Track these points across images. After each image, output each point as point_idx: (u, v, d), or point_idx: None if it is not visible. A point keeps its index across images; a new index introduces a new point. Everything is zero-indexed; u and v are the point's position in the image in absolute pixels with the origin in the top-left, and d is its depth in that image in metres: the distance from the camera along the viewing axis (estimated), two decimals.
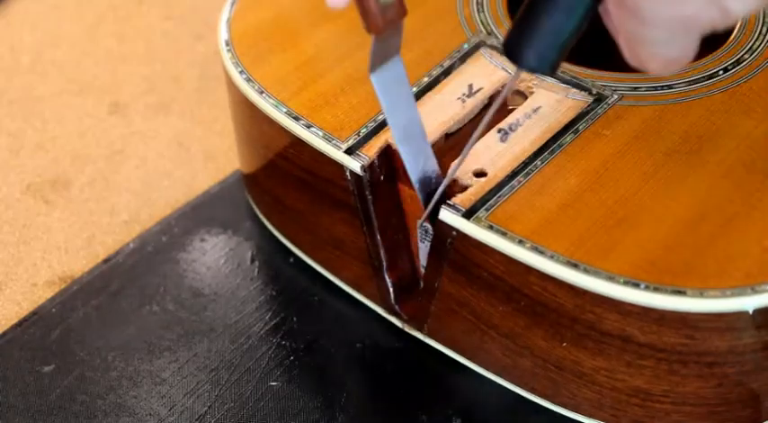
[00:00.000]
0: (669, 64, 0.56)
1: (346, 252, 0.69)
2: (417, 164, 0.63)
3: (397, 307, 0.68)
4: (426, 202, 0.64)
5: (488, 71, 0.69)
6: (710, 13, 0.52)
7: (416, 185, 0.64)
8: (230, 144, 0.82)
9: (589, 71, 0.68)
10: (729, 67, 0.68)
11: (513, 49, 0.57)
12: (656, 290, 0.57)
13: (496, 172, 0.64)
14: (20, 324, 0.72)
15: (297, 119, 0.67)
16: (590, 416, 0.63)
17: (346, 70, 0.70)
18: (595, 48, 0.69)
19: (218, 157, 0.82)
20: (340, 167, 0.66)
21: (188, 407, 0.68)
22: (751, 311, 0.57)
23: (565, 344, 0.61)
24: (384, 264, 0.67)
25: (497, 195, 0.62)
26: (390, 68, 0.61)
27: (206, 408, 0.67)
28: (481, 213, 0.61)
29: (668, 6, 0.53)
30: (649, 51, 0.55)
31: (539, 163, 0.64)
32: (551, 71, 0.57)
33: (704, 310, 0.57)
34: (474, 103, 0.67)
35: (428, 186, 0.64)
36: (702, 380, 0.60)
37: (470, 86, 0.68)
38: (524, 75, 0.68)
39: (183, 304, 0.73)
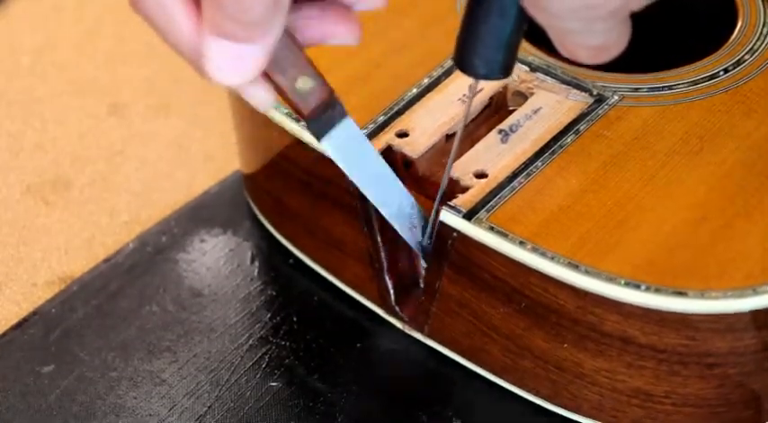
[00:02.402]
0: (597, 52, 0.55)
1: (347, 253, 0.69)
2: (392, 206, 0.63)
3: (397, 308, 0.68)
4: (409, 234, 0.64)
5: None
6: None
7: (395, 223, 0.63)
8: (230, 145, 0.82)
9: (589, 72, 0.68)
10: (730, 68, 0.68)
11: (461, 61, 0.57)
12: (657, 291, 0.57)
13: (497, 173, 0.63)
14: (19, 324, 0.72)
15: (297, 120, 0.67)
16: (590, 417, 0.63)
17: (346, 72, 0.69)
18: None
19: (218, 158, 0.82)
20: (341, 169, 0.65)
21: (188, 407, 0.67)
22: (748, 311, 0.57)
23: (565, 345, 0.61)
24: (384, 265, 0.67)
25: (498, 196, 0.62)
26: (341, 129, 0.59)
27: (206, 408, 0.67)
28: (482, 214, 0.61)
29: None
30: (572, 41, 0.55)
31: (539, 164, 0.63)
32: (504, 74, 0.57)
33: (705, 311, 0.57)
34: (474, 103, 0.67)
35: (407, 219, 0.64)
36: (703, 381, 0.60)
37: (471, 87, 0.68)
38: (525, 76, 0.68)
39: (182, 304, 0.73)
